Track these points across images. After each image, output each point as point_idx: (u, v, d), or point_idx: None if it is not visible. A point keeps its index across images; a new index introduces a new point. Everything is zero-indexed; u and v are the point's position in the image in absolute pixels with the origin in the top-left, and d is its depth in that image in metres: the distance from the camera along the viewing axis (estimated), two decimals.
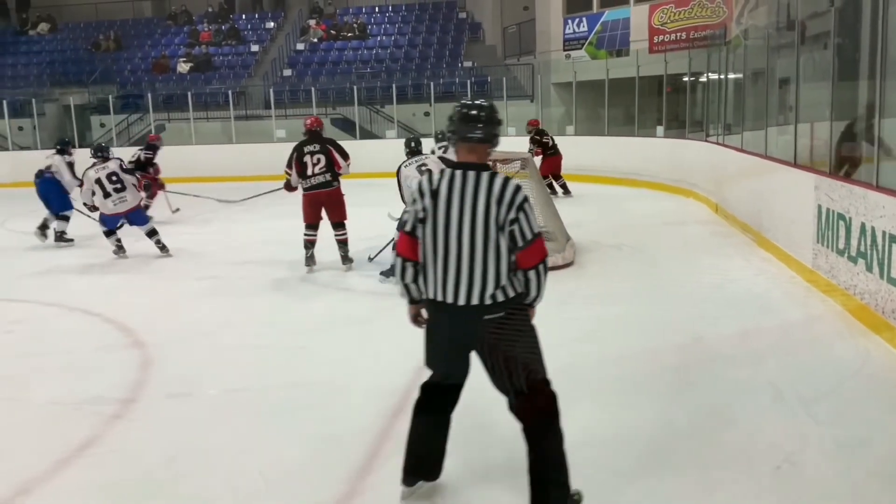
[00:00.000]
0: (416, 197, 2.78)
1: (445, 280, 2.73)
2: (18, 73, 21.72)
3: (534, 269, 2.74)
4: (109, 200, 7.90)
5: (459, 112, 2.81)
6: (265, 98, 18.63)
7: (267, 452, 3.50)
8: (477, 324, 2.76)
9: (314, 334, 5.31)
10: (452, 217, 2.70)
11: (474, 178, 2.71)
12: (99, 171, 8.02)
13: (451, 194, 2.71)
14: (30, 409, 4.09)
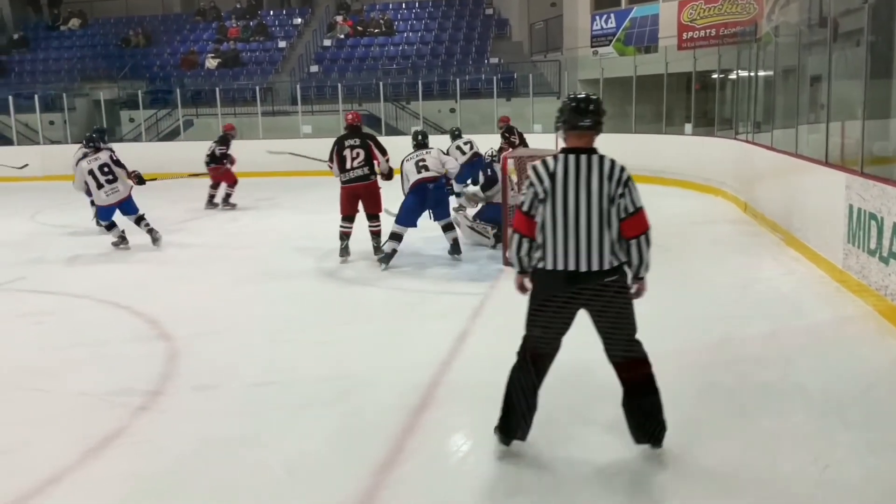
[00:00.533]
0: (535, 181, 3.16)
1: (567, 250, 3.13)
2: (50, 68, 22.02)
3: (636, 239, 3.17)
4: (102, 191, 8.03)
5: (570, 104, 3.26)
6: (292, 94, 18.73)
7: (291, 446, 3.52)
8: (596, 287, 3.17)
9: (339, 329, 5.33)
10: (570, 194, 3.11)
11: (587, 160, 3.15)
12: (91, 162, 8.13)
13: (567, 175, 3.13)
14: (59, 399, 4.14)
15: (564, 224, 3.12)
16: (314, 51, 21.40)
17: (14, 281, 6.99)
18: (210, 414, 3.92)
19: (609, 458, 3.34)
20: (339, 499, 2.99)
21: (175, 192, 14.06)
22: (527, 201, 3.19)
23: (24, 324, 5.64)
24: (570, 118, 3.24)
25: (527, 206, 3.19)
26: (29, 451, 3.51)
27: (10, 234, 9.94)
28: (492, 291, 6.19)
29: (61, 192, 14.86)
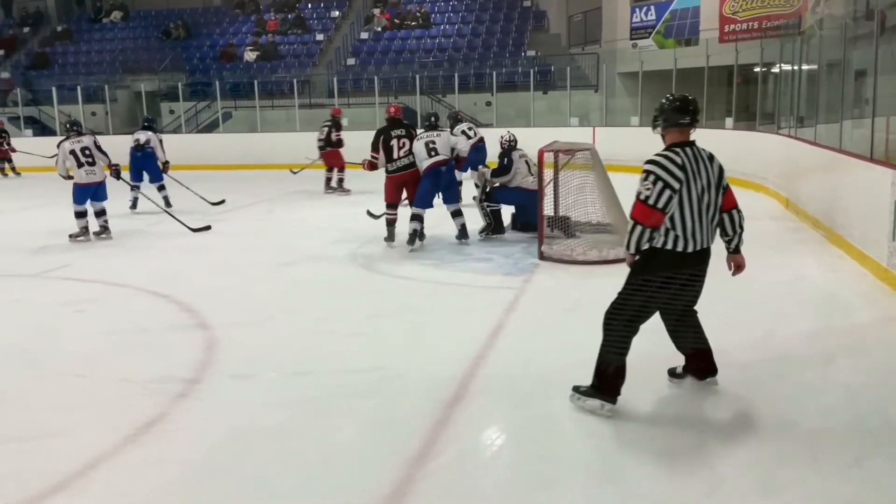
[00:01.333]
0: (666, 176, 3.45)
1: (695, 231, 3.53)
2: (92, 60, 22.42)
3: (735, 209, 3.74)
4: (83, 170, 8.40)
5: (671, 104, 3.64)
6: (329, 86, 18.83)
7: (326, 436, 3.54)
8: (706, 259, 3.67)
9: (373, 321, 5.34)
10: (696, 183, 3.51)
11: (698, 152, 3.59)
12: (74, 143, 8.50)
13: (690, 166, 3.51)
14: (100, 385, 4.21)
15: (692, 209, 3.50)
16: (351, 43, 21.48)
17: (58, 269, 7.13)
18: (247, 403, 3.95)
19: (641, 454, 3.31)
20: (373, 490, 3.00)
21: (216, 184, 14.23)
22: (654, 195, 3.45)
23: (67, 311, 5.75)
24: (672, 116, 3.62)
25: (655, 199, 3.45)
26: (71, 435, 3.58)
27: (54, 223, 10.13)
28: (526, 286, 6.16)
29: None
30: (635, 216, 3.53)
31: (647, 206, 3.47)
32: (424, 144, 7.52)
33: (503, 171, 8.10)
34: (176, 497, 3.02)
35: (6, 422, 3.79)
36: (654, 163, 3.50)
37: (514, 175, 8.05)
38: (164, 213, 9.84)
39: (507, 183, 8.10)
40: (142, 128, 11.38)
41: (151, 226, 9.73)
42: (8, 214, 11.14)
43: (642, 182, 3.50)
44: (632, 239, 3.57)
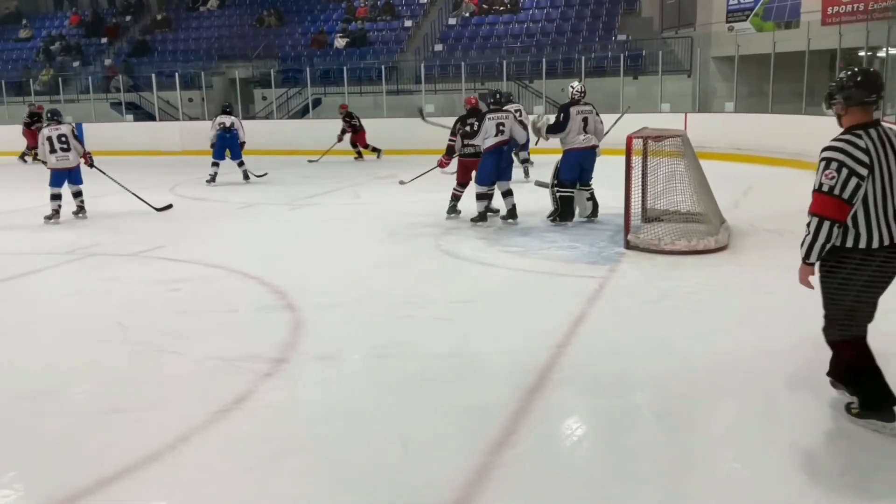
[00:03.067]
0: (852, 164, 3.06)
1: (888, 223, 3.13)
2: (189, 48, 23.18)
3: None
4: (54, 156, 8.92)
5: (854, 79, 3.21)
6: (416, 73, 18.92)
7: (407, 419, 3.57)
8: None
9: (456, 307, 5.36)
10: (885, 169, 3.11)
11: (884, 133, 3.17)
12: (52, 131, 9.01)
13: (877, 151, 3.11)
14: (192, 362, 4.37)
15: (883, 198, 3.12)
16: (439, 29, 21.50)
17: (154, 249, 7.43)
18: (331, 383, 4.03)
19: (730, 452, 3.20)
20: (453, 475, 3.01)
21: (304, 168, 14.58)
22: (838, 185, 3.07)
23: (163, 290, 5.99)
24: (856, 94, 3.20)
25: (840, 189, 3.07)
26: (165, 409, 3.73)
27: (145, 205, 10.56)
28: (611, 275, 6.05)
29: (198, 167, 15.67)
30: (819, 211, 3.12)
31: (832, 197, 3.07)
32: (495, 125, 7.95)
33: (557, 128, 8.02)
34: (261, 472, 3.10)
35: (106, 394, 3.98)
36: (836, 148, 3.12)
37: (568, 133, 7.95)
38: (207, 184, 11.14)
39: (562, 142, 8.03)
40: (223, 113, 12.93)
41: (242, 209, 10.02)
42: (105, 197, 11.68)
43: (823, 171, 3.11)
44: (816, 241, 3.15)
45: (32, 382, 4.11)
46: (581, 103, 8.07)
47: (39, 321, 5.26)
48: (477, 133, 8.08)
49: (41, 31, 25.16)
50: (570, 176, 8.01)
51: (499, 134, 7.96)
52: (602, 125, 8.29)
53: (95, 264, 6.97)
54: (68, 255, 7.26)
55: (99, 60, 23.00)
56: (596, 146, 8.07)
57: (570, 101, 8.06)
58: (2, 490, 3.03)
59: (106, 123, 20.11)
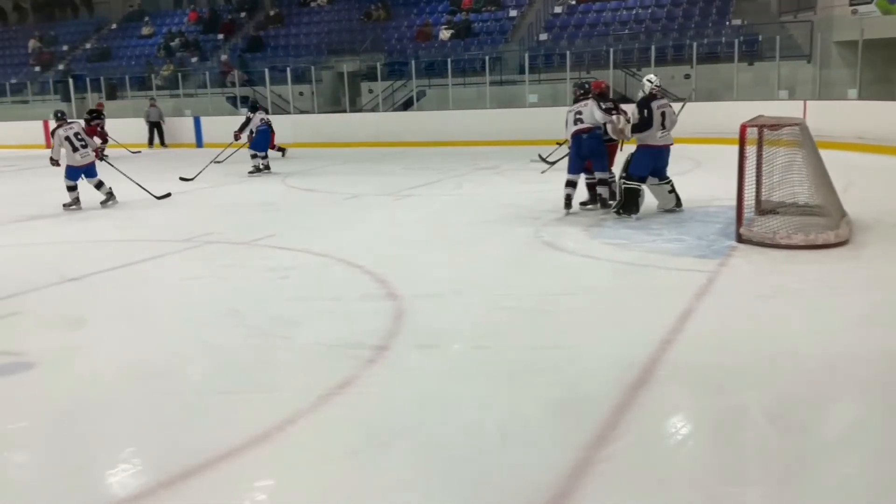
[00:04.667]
0: None
1: None
2: (300, 43, 23.85)
3: None
4: (77, 154, 9.29)
5: None
6: (520, 63, 18.80)
7: (506, 410, 3.57)
8: None
9: (556, 299, 5.30)
10: None
11: None
12: (67, 130, 9.36)
13: None
14: (298, 347, 4.52)
15: None
16: (544, 18, 21.27)
17: (266, 237, 7.70)
18: (431, 372, 4.07)
19: (845, 458, 3.04)
20: (551, 468, 2.98)
21: (409, 159, 14.78)
22: None
23: (273, 277, 6.21)
24: None
25: None
26: (273, 392, 3.87)
27: (265, 196, 10.99)
28: (721, 269, 5.84)
29: (307, 159, 16.17)
30: None
31: None
32: (573, 115, 8.05)
33: (643, 126, 7.73)
34: (363, 456, 3.17)
35: (218, 376, 4.17)
36: None
37: (650, 130, 7.70)
38: None
39: (638, 137, 7.80)
40: (257, 109, 14.02)
41: (348, 200, 10.25)
42: (222, 187, 12.20)
43: None
44: None
45: (152, 363, 4.35)
46: (659, 97, 7.83)
47: (160, 304, 5.56)
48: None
49: (162, 28, 26.46)
50: (640, 171, 7.78)
51: (576, 123, 7.99)
52: (676, 117, 8.02)
53: (213, 252, 7.30)
54: (187, 242, 7.63)
55: (215, 56, 24.00)
56: (671, 144, 7.88)
57: (650, 96, 7.78)
58: (122, 464, 3.23)
59: (221, 117, 20.98)
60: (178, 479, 3.01)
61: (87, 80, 23.37)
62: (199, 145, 20.63)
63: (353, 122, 19.44)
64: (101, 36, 27.71)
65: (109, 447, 3.38)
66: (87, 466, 3.18)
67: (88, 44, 27.39)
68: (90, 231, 8.70)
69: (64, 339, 4.86)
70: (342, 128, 19.22)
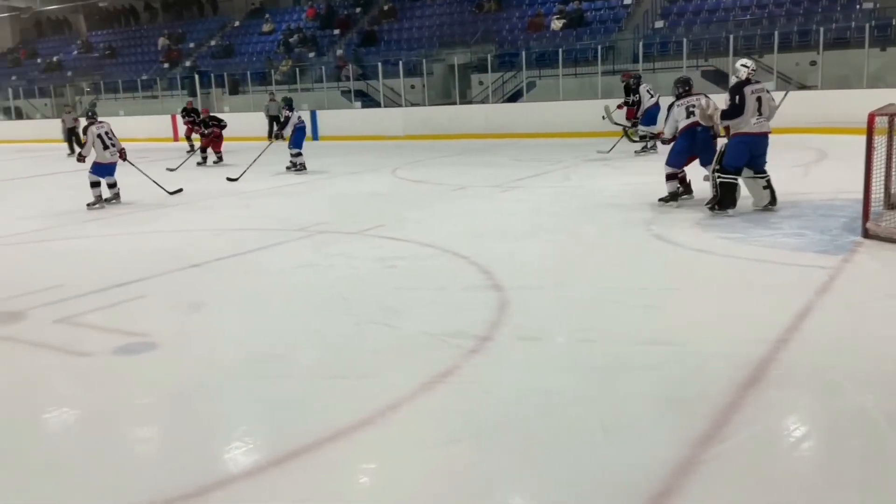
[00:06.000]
0: None
1: None
2: (413, 36, 24.16)
3: None
4: (108, 152, 9.75)
5: None
6: (634, 52, 18.37)
7: (609, 405, 3.51)
8: None
9: (666, 294, 5.17)
10: None
11: None
12: (99, 128, 9.87)
13: None
14: (403, 336, 4.60)
15: None
16: (661, 5, 20.68)
17: (375, 228, 7.87)
18: (533, 364, 4.06)
19: None
20: (656, 465, 2.92)
21: (516, 150, 14.75)
22: None
23: (381, 266, 6.34)
24: None
25: None
26: (377, 378, 3.95)
27: (375, 187, 11.23)
28: (844, 266, 5.52)
29: (418, 150, 16.40)
30: None
31: None
32: (685, 108, 7.93)
33: (734, 112, 7.28)
34: (463, 446, 3.20)
35: (326, 361, 4.30)
36: None
37: (742, 116, 7.27)
38: None
39: (731, 125, 7.36)
40: (292, 109, 13.71)
41: (456, 191, 10.33)
42: (335, 179, 12.55)
43: None
44: None
45: (265, 347, 4.53)
46: (753, 82, 7.38)
47: (274, 291, 5.79)
48: None
49: (281, 25, 27.42)
50: (735, 162, 7.34)
51: (690, 116, 7.86)
52: (774, 102, 7.54)
53: (324, 241, 7.52)
54: (300, 231, 7.90)
55: (331, 51, 24.65)
56: (769, 132, 7.39)
57: (744, 81, 7.33)
58: (234, 442, 3.39)
59: (336, 110, 21.57)
60: (286, 459, 3.13)
61: (212, 75, 24.55)
62: (315, 138, 21.28)
63: (463, 114, 19.55)
64: (224, 33, 29.01)
65: (224, 425, 3.55)
66: (203, 443, 3.35)
67: (213, 41, 28.74)
68: (210, 220, 9.15)
69: (185, 321, 5.14)
70: (452, 119, 19.38)
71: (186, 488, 2.92)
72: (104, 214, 9.66)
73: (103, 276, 6.24)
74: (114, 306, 5.43)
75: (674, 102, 8.12)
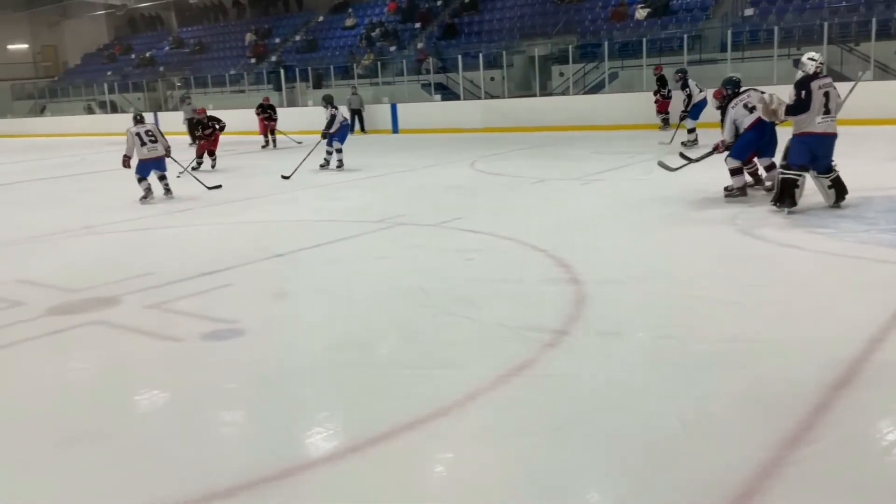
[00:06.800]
0: None
1: None
2: (493, 28, 24.08)
3: None
4: (145, 148, 10.30)
5: None
6: (721, 40, 17.81)
7: (689, 403, 3.43)
8: None
9: (751, 290, 5.01)
10: None
11: None
12: (139, 128, 10.46)
13: None
14: (480, 327, 4.61)
15: None
16: None
17: (453, 220, 7.90)
18: (612, 359, 4.00)
19: None
20: (736, 466, 2.84)
21: (595, 142, 14.55)
22: None
23: (458, 258, 6.37)
24: None
25: None
26: (454, 368, 3.98)
27: (453, 179, 11.28)
28: None
29: (497, 143, 16.37)
30: None
31: None
32: (744, 106, 7.88)
33: (800, 108, 6.87)
34: (540, 438, 3.19)
35: (404, 350, 4.36)
36: None
37: (808, 113, 6.86)
38: None
39: (796, 122, 6.98)
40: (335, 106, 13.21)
41: (534, 184, 10.27)
42: (415, 171, 12.65)
43: None
44: None
45: (345, 335, 4.62)
46: (821, 76, 6.96)
47: (355, 280, 5.89)
48: None
49: (364, 19, 27.76)
50: (799, 160, 6.96)
51: (752, 111, 7.79)
52: (842, 101, 7.15)
53: (403, 232, 7.60)
54: (380, 223, 8.01)
55: (412, 44, 24.83)
56: (835, 134, 6.95)
57: (811, 75, 6.91)
58: (315, 427, 3.47)
59: (416, 103, 21.72)
60: (365, 445, 3.19)
61: (297, 70, 25.06)
62: (395, 131, 21.50)
63: (543, 106, 19.38)
64: (309, 28, 29.58)
65: (306, 410, 3.64)
66: (286, 427, 3.45)
67: (298, 36, 29.34)
68: (294, 211, 9.37)
69: (270, 309, 5.29)
70: (531, 111, 19.24)
71: (270, 470, 3.01)
72: (191, 206, 10.01)
73: (192, 264, 6.48)
74: (202, 293, 5.64)
75: (727, 105, 8.04)
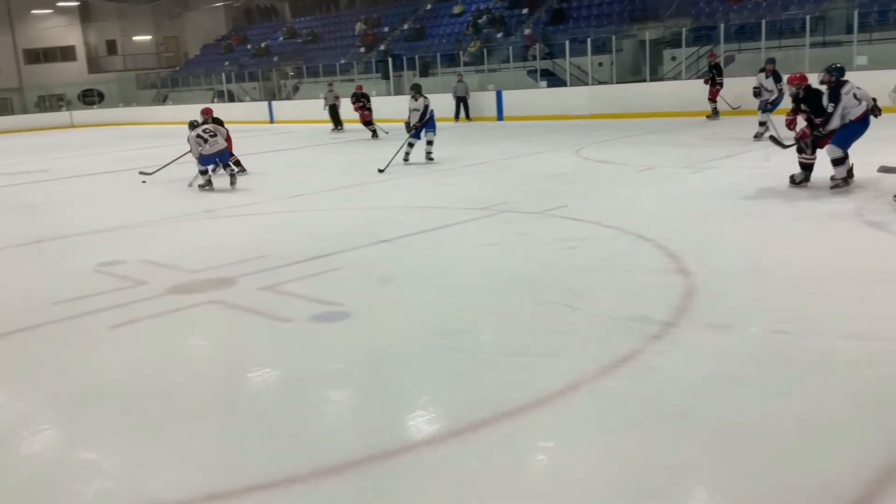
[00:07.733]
0: None
1: None
2: (602, 12, 23.59)
3: None
4: (207, 144, 10.97)
5: None
6: (847, 21, 16.82)
7: (806, 402, 3.28)
8: None
9: (878, 285, 4.74)
10: None
11: None
12: (196, 131, 11.10)
13: None
14: (584, 317, 4.55)
15: None
16: None
17: (557, 208, 7.82)
18: (723, 354, 3.88)
19: None
20: (854, 468, 2.70)
21: (706, 129, 14.09)
22: None
23: (562, 247, 6.30)
24: None
25: None
26: (557, 357, 3.95)
27: (557, 167, 11.16)
28: None
29: (604, 130, 16.08)
30: None
31: None
32: (853, 96, 7.67)
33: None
34: (645, 431, 3.12)
35: (507, 338, 4.35)
36: None
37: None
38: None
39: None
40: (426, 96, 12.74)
41: (641, 172, 10.03)
42: (518, 158, 12.59)
43: None
44: None
45: (449, 321, 4.67)
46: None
47: (459, 267, 5.93)
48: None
49: (471, 6, 27.74)
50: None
51: (862, 102, 7.68)
52: None
53: (507, 220, 7.59)
54: (484, 210, 8.03)
55: (519, 31, 24.65)
56: None
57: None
58: (418, 410, 3.52)
59: (521, 90, 21.58)
60: (466, 430, 3.22)
61: (404, 58, 25.36)
62: (500, 118, 21.45)
63: (653, 91, 18.88)
64: (416, 16, 29.85)
65: (409, 393, 3.71)
66: (388, 409, 3.52)
67: (406, 24, 29.65)
68: (399, 198, 9.51)
69: (376, 293, 5.40)
70: (641, 97, 18.78)
71: (373, 450, 3.09)
72: (302, 191, 10.32)
73: (304, 248, 6.70)
74: (313, 276, 5.81)
75: (839, 91, 7.64)
